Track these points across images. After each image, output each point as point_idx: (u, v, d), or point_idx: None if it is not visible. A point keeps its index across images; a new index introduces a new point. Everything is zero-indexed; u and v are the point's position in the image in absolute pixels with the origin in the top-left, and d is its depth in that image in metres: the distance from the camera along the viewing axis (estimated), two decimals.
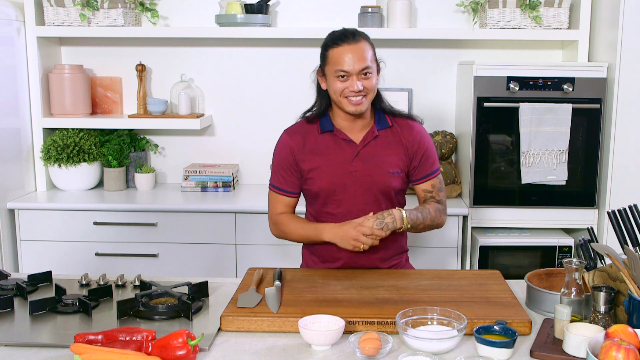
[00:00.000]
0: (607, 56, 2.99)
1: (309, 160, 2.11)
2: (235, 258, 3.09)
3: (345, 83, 2.01)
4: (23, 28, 3.21)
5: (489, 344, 1.50)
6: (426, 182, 2.16)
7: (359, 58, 1.99)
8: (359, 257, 2.12)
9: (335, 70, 2.01)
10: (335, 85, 2.02)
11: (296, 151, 2.12)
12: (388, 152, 2.11)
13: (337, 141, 2.11)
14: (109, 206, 3.08)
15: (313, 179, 2.11)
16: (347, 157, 2.09)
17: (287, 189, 2.17)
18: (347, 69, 1.99)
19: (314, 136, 2.13)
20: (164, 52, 3.50)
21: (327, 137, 2.12)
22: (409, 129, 2.14)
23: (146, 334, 1.50)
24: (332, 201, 2.11)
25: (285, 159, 2.14)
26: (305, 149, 2.12)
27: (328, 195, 2.11)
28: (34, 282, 2.00)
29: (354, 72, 1.99)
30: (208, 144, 3.57)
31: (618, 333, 1.38)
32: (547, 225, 3.10)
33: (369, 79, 2.02)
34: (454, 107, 3.47)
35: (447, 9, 3.38)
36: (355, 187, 2.09)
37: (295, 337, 1.63)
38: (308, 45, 3.45)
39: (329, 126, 2.12)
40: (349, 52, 1.99)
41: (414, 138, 2.13)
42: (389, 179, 2.10)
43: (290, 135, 2.16)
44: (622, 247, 1.64)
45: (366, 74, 2.01)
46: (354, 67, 1.99)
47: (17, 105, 3.18)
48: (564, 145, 2.99)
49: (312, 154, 2.11)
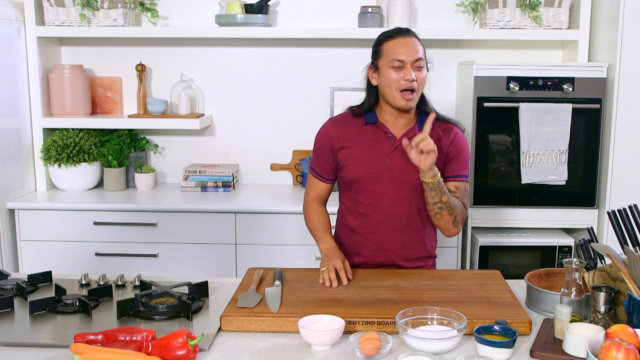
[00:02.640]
0: (607, 56, 2.99)
1: (347, 148, 2.15)
2: (235, 258, 3.09)
3: (399, 73, 2.04)
4: (23, 28, 3.21)
5: (489, 344, 1.50)
6: (451, 182, 2.15)
7: (413, 48, 2.05)
8: (381, 253, 2.15)
9: (390, 60, 2.04)
10: (390, 76, 2.05)
11: (335, 139, 2.17)
12: None
13: (378, 133, 2.14)
14: (109, 206, 3.08)
15: (348, 166, 2.14)
16: (386, 149, 2.12)
17: (321, 173, 2.23)
18: (402, 58, 2.03)
19: (356, 127, 2.17)
20: (164, 52, 3.50)
21: (369, 129, 2.16)
22: (449, 130, 2.17)
23: (146, 334, 1.50)
24: (364, 191, 2.14)
25: (323, 145, 2.19)
26: (345, 137, 2.16)
27: (361, 184, 2.14)
28: (34, 282, 2.00)
29: (408, 62, 2.03)
30: (208, 144, 3.57)
31: (618, 333, 1.38)
32: (547, 225, 3.10)
33: (421, 71, 2.06)
34: (454, 107, 3.47)
35: (447, 9, 3.38)
36: (389, 180, 2.11)
37: (295, 337, 1.63)
38: (308, 45, 3.45)
39: (372, 119, 2.16)
40: (404, 43, 2.05)
41: (452, 139, 2.16)
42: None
43: (333, 124, 2.21)
44: (622, 247, 1.64)
45: (419, 66, 2.05)
46: (409, 56, 2.03)
47: (17, 105, 3.18)
48: (564, 145, 2.99)
49: (351, 143, 2.15)
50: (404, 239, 2.16)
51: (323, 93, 3.50)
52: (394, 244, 2.15)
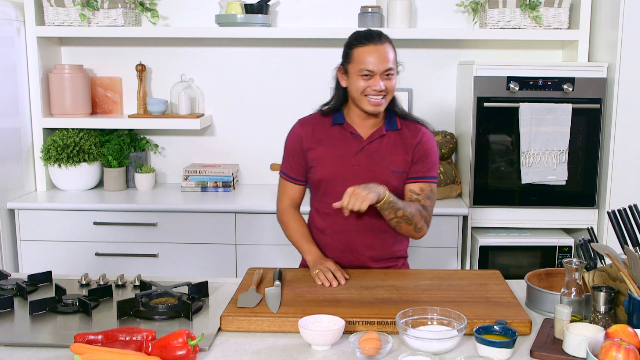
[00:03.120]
0: (607, 56, 2.99)
1: (315, 149, 2.16)
2: (235, 258, 3.09)
3: (368, 82, 2.04)
4: (23, 28, 3.21)
5: (489, 344, 1.50)
6: (416, 183, 2.14)
7: (383, 59, 2.03)
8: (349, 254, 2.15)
9: (360, 69, 2.04)
10: (358, 84, 2.05)
11: (304, 139, 2.18)
12: (392, 151, 2.14)
13: (345, 134, 2.15)
14: (109, 206, 3.08)
15: (316, 167, 2.15)
16: (352, 150, 2.13)
17: (292, 175, 2.23)
18: (372, 69, 2.02)
19: (324, 127, 2.18)
20: (164, 52, 3.50)
21: (337, 130, 2.17)
22: (417, 131, 2.17)
23: (146, 334, 1.50)
24: (331, 192, 2.13)
25: (294, 147, 2.20)
26: (314, 138, 2.17)
27: (328, 185, 2.14)
28: (34, 282, 2.00)
29: (377, 72, 2.03)
30: (208, 144, 3.57)
31: (618, 333, 1.38)
32: (547, 225, 3.10)
33: (391, 79, 2.06)
34: (454, 107, 3.47)
35: (447, 9, 3.38)
36: (355, 181, 2.09)
37: (295, 337, 1.63)
38: (308, 45, 3.45)
39: (340, 119, 2.17)
40: (374, 52, 2.03)
41: (419, 139, 2.16)
42: (389, 177, 2.11)
43: (302, 124, 2.22)
44: (622, 247, 1.64)
45: (389, 75, 2.05)
46: (379, 67, 2.02)
47: (17, 105, 3.18)
48: (564, 145, 2.99)
49: (319, 143, 2.16)
50: (371, 239, 2.16)
51: (323, 93, 3.46)
52: (362, 245, 2.16)
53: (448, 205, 3.09)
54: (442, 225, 3.05)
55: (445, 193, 3.18)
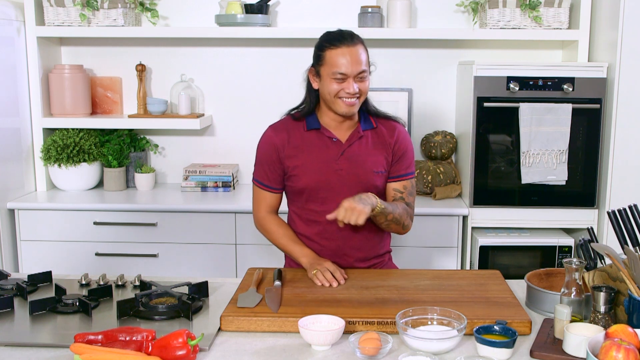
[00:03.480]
0: (607, 56, 2.99)
1: (293, 157, 2.12)
2: (235, 258, 3.09)
3: (341, 85, 2.02)
4: (23, 28, 3.21)
5: (489, 344, 1.50)
6: (398, 182, 2.17)
7: (356, 61, 2.01)
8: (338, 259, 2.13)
9: (333, 72, 2.01)
10: (331, 87, 2.03)
11: (280, 148, 2.13)
12: (373, 152, 2.13)
13: (323, 139, 2.12)
14: (109, 206, 3.08)
15: (297, 175, 2.12)
16: (333, 155, 2.11)
17: (268, 184, 2.18)
18: (345, 72, 2.00)
19: (299, 133, 2.14)
20: (164, 52, 3.50)
21: (313, 135, 2.13)
22: (392, 129, 2.18)
23: (146, 334, 1.50)
24: (316, 199, 2.13)
25: (269, 155, 2.15)
26: (290, 145, 2.13)
27: (312, 192, 2.12)
28: (34, 282, 2.00)
29: (351, 75, 2.01)
30: (208, 144, 3.57)
31: (618, 333, 1.38)
32: (547, 225, 3.10)
33: (364, 81, 2.04)
34: (454, 107, 3.47)
35: (447, 9, 3.38)
36: (339, 185, 2.10)
37: (295, 337, 1.63)
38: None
39: (315, 124, 2.13)
40: (347, 54, 2.00)
41: (396, 137, 2.16)
42: (373, 178, 2.12)
43: (275, 131, 2.16)
44: (622, 247, 1.64)
45: (362, 77, 2.03)
46: (352, 69, 2.00)
47: (17, 105, 3.18)
48: (564, 145, 2.99)
49: (297, 151, 2.12)
50: (360, 241, 2.15)
51: None
52: (351, 248, 2.15)
53: (448, 205, 3.09)
54: (442, 225, 3.05)
55: (445, 193, 3.18)
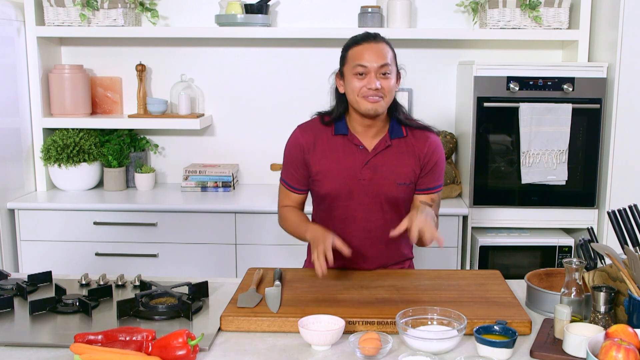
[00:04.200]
0: (607, 56, 2.99)
1: (318, 162, 2.08)
2: (235, 258, 3.09)
3: (363, 81, 1.97)
4: (23, 28, 3.21)
5: (489, 344, 1.50)
6: (429, 194, 2.11)
7: (378, 55, 1.96)
8: (360, 261, 2.10)
9: (353, 66, 1.97)
10: (353, 84, 1.98)
11: (306, 150, 2.09)
12: (399, 162, 2.07)
13: (349, 146, 2.07)
14: (109, 206, 3.08)
15: (320, 181, 2.09)
16: (358, 163, 2.06)
17: (294, 185, 2.15)
18: (365, 64, 1.95)
19: (326, 137, 2.09)
20: (164, 52, 3.50)
21: (340, 141, 2.08)
22: (425, 139, 2.09)
23: (146, 334, 1.50)
24: (337, 206, 2.09)
25: (295, 156, 2.12)
26: (316, 149, 2.09)
27: (334, 199, 2.09)
28: (34, 282, 2.00)
29: (372, 69, 1.95)
30: (208, 144, 3.57)
31: (618, 333, 1.38)
32: (547, 225, 3.10)
33: (388, 79, 1.98)
34: (454, 107, 3.47)
35: (447, 9, 3.38)
36: (362, 195, 2.06)
37: (295, 337, 1.63)
38: (308, 45, 3.45)
39: (343, 129, 2.08)
40: (368, 49, 1.97)
41: (428, 149, 2.09)
42: (396, 191, 2.06)
43: (303, 132, 2.13)
44: (622, 247, 1.64)
45: (385, 73, 1.97)
46: (373, 63, 1.95)
47: (17, 105, 3.18)
48: (564, 145, 2.99)
49: (322, 156, 2.08)
50: (380, 249, 2.12)
51: (323, 93, 3.49)
52: (372, 253, 2.11)
53: (448, 205, 3.09)
54: (442, 225, 3.03)
55: (445, 193, 3.18)
